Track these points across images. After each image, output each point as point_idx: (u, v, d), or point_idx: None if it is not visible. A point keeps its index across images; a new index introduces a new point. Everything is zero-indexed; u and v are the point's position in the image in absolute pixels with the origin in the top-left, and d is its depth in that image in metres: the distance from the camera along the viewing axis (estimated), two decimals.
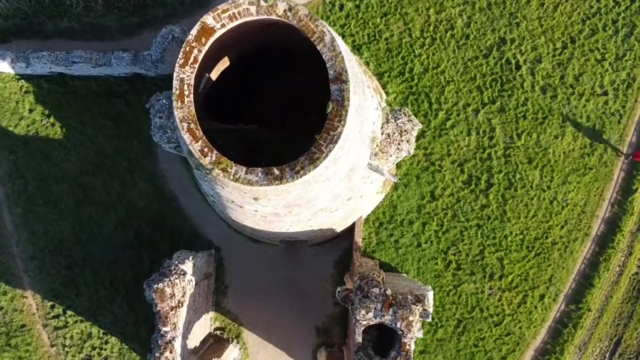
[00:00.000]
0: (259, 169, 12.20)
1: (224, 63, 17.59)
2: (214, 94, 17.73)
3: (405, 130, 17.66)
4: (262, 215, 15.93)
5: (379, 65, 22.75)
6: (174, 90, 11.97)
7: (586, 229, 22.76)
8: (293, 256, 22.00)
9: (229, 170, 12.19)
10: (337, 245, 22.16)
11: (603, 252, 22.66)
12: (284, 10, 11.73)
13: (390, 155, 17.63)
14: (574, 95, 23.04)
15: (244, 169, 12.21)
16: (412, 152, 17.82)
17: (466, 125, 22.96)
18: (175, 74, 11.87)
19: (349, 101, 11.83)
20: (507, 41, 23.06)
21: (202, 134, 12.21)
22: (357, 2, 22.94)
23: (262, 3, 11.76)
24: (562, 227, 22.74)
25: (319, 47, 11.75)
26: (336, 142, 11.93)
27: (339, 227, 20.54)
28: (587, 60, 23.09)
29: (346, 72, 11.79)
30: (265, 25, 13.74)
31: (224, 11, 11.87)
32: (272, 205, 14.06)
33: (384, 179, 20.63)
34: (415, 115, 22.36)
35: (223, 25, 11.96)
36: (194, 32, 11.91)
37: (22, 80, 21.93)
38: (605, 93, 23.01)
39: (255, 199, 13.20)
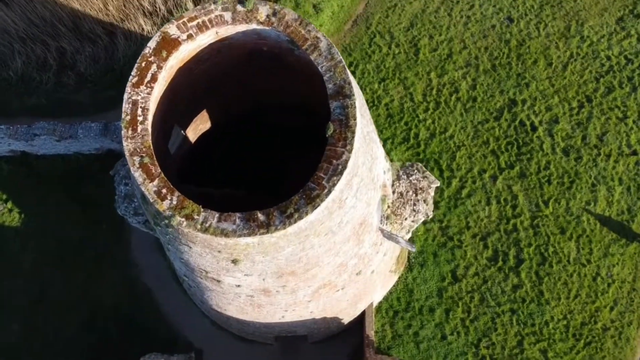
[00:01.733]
0: (237, 214, 9.20)
1: (203, 120, 15.23)
2: (190, 156, 15.10)
3: (420, 188, 14.85)
4: (248, 294, 12.53)
5: (381, 132, 20.56)
6: (123, 115, 9.38)
7: None
8: (291, 357, 17.97)
9: (196, 217, 9.16)
10: (345, 342, 18.25)
11: None
12: (267, 16, 9.55)
13: (406, 219, 14.64)
14: (600, 156, 20.60)
15: (217, 215, 9.20)
16: (430, 214, 14.88)
17: (484, 193, 20.19)
18: (126, 96, 9.35)
19: (355, 120, 9.19)
20: (518, 102, 21.13)
21: (160, 171, 9.35)
22: (352, 69, 21.36)
23: (239, 8, 9.61)
24: (612, 308, 19.03)
25: (312, 57, 9.38)
26: (341, 173, 9.07)
27: (346, 317, 16.86)
28: (608, 118, 21.01)
29: (349, 84, 9.31)
30: (247, 55, 11.53)
31: (191, 19, 9.65)
32: (258, 274, 10.78)
33: (397, 254, 17.41)
34: None
35: (190, 37, 9.69)
36: (152, 44, 9.56)
37: None
38: (635, 152, 20.61)
39: (235, 261, 9.99)
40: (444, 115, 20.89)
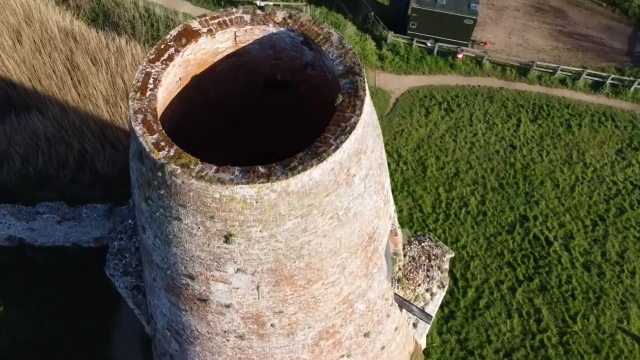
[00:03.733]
0: (236, 167, 8.62)
1: None
2: None
3: (434, 255, 13.86)
4: (238, 333, 10.88)
5: None
6: (134, 83, 9.38)
7: None
8: None
9: (192, 167, 8.57)
10: None
11: None
12: (283, 18, 10.24)
13: (419, 285, 13.36)
14: (624, 272, 19.41)
15: (214, 167, 8.62)
16: (446, 284, 13.58)
17: (504, 305, 18.55)
18: (140, 68, 9.49)
19: (364, 91, 9.17)
20: (529, 218, 20.78)
21: (161, 129, 9.03)
22: None
23: (259, 11, 10.36)
24: None
25: (324, 48, 9.76)
26: (349, 132, 8.71)
27: None
28: (625, 237, 20.35)
29: (359, 65, 9.50)
30: (263, 85, 11.98)
31: (213, 17, 10.35)
32: (252, 272, 9.50)
33: (411, 349, 15.33)
34: None
35: (210, 32, 10.24)
36: (173, 32, 10.10)
37: None
38: None
39: (228, 238, 8.95)
40: (455, 226, 20.43)
